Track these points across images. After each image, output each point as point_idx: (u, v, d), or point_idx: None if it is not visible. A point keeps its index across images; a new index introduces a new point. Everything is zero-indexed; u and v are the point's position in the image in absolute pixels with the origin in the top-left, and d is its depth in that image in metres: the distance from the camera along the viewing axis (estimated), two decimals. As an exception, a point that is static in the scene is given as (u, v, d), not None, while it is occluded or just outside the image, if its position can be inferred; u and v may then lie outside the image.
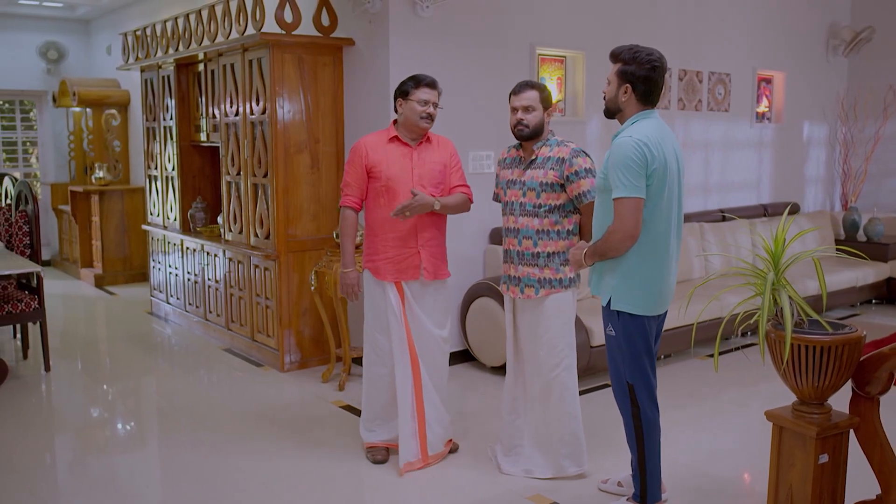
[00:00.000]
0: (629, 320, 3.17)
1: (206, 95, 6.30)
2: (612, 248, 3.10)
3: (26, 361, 5.84)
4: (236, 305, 6.06)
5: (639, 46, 3.14)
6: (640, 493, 3.32)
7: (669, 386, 5.20)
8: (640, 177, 2.99)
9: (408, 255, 3.84)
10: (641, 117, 3.13)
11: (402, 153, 3.86)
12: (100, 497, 3.71)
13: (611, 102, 3.20)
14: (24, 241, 5.70)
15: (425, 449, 3.92)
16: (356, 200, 3.90)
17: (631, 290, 3.14)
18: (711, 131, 7.27)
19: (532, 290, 3.66)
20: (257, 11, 5.26)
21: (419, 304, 3.92)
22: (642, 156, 2.99)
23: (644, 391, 3.22)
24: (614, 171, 3.02)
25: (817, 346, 2.58)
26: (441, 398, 4.02)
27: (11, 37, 9.72)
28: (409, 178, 3.83)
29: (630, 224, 3.02)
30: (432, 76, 3.91)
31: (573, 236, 3.66)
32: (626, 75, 3.11)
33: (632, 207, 3.01)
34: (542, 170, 3.62)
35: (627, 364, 3.21)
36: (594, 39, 6.14)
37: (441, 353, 4.01)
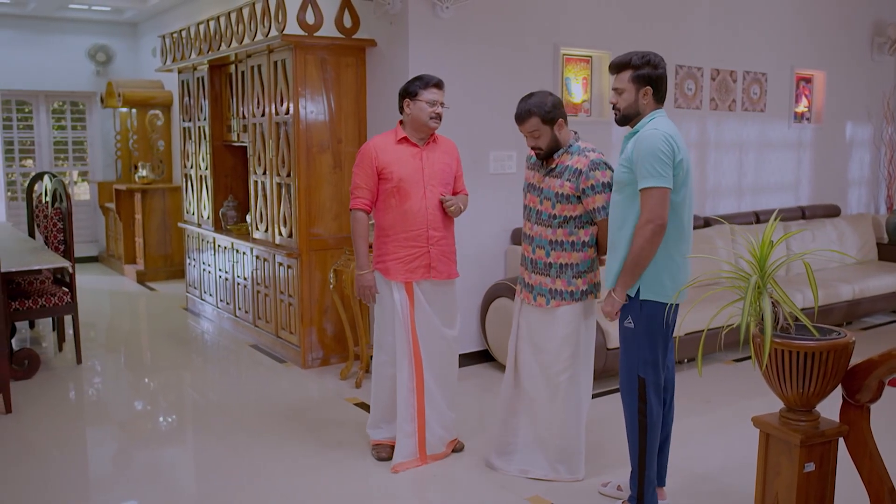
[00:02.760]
0: (654, 310, 3.17)
1: (236, 96, 6.42)
2: (644, 247, 3.07)
3: (61, 354, 6.04)
4: (262, 302, 6.17)
5: (641, 51, 3.23)
6: (636, 495, 3.30)
7: (689, 391, 5.12)
8: (668, 167, 3.05)
9: (418, 255, 3.86)
10: (657, 115, 3.21)
11: (411, 154, 3.88)
12: (131, 487, 3.84)
13: (629, 109, 3.23)
14: (58, 238, 5.89)
15: (423, 449, 3.93)
16: (367, 202, 3.92)
17: (659, 279, 3.15)
18: (746, 132, 7.13)
19: (543, 300, 3.62)
20: (280, 13, 5.34)
21: (430, 304, 3.93)
22: (670, 147, 3.06)
23: (653, 387, 3.22)
24: (643, 161, 3.06)
25: (800, 351, 2.52)
26: (446, 399, 4.02)
27: (62, 40, 10.04)
28: (419, 178, 3.85)
29: (660, 213, 3.05)
30: (438, 76, 3.93)
31: (588, 248, 3.58)
32: (644, 79, 3.18)
33: (661, 196, 3.05)
34: (560, 180, 3.54)
35: (643, 357, 3.20)
36: (621, 39, 6.07)
37: (450, 352, 4.02)
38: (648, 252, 3.09)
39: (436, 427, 3.97)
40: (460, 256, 5.43)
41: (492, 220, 5.62)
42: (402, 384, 3.88)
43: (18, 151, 10.21)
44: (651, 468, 3.27)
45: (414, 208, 3.83)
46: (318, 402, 4.97)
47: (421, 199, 3.83)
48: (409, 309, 3.88)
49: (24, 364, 5.37)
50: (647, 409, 3.22)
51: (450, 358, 4.05)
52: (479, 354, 5.70)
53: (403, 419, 3.88)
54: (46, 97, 10.20)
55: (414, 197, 3.83)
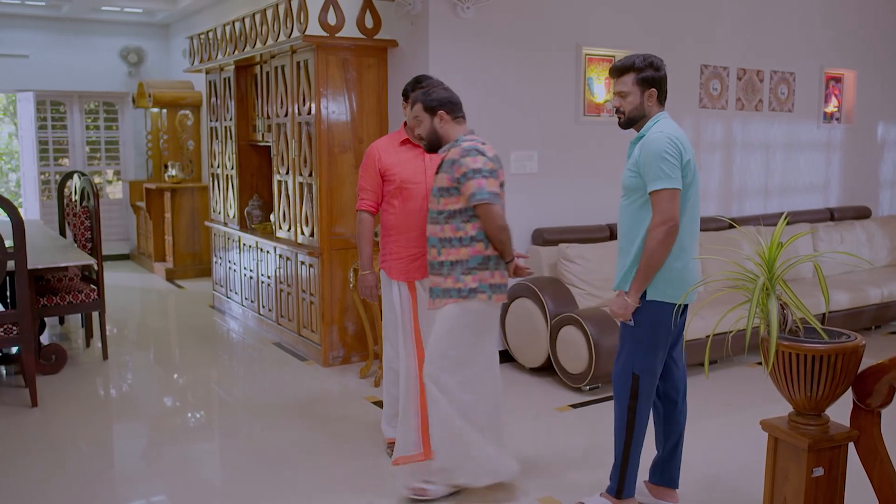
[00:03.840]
0: (661, 310, 3.16)
1: (261, 96, 6.49)
2: (657, 249, 3.06)
3: (88, 350, 6.15)
4: (285, 301, 6.23)
5: (642, 54, 3.24)
6: (616, 487, 3.30)
7: (710, 393, 5.08)
8: (676, 168, 3.06)
9: (420, 256, 3.86)
10: (661, 118, 3.22)
11: (414, 155, 3.89)
12: (156, 480, 3.90)
13: (635, 111, 3.24)
14: (86, 236, 5.99)
15: (427, 444, 3.94)
16: (372, 204, 3.94)
17: (668, 280, 3.14)
18: (773, 132, 7.04)
19: (439, 301, 3.53)
20: (302, 14, 5.39)
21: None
22: (676, 149, 3.07)
23: (647, 386, 3.21)
24: (650, 164, 3.06)
25: (808, 354, 2.49)
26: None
27: (95, 41, 10.22)
28: (422, 179, 3.85)
29: (671, 214, 3.05)
30: (431, 77, 3.92)
31: (476, 243, 3.44)
32: (648, 81, 3.20)
33: (671, 198, 3.05)
34: (440, 173, 3.51)
35: (642, 355, 3.20)
36: (645, 38, 6.03)
37: None
38: (662, 254, 3.08)
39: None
40: (480, 256, 5.48)
41: (513, 220, 5.50)
42: (405, 379, 3.89)
43: (53, 151, 10.41)
44: (633, 464, 3.27)
45: (416, 209, 3.83)
46: (337, 400, 5.01)
47: (423, 200, 3.82)
48: (411, 307, 3.88)
49: (52, 359, 5.48)
50: (637, 406, 3.22)
51: None
52: (500, 355, 5.68)
53: (406, 412, 3.91)
54: (80, 98, 10.39)
55: (416, 198, 3.83)
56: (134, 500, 3.71)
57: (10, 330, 4.71)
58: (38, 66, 9.89)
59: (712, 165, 6.68)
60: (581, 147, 5.82)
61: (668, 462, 3.44)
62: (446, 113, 3.54)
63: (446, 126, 3.56)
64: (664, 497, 3.46)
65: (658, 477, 3.47)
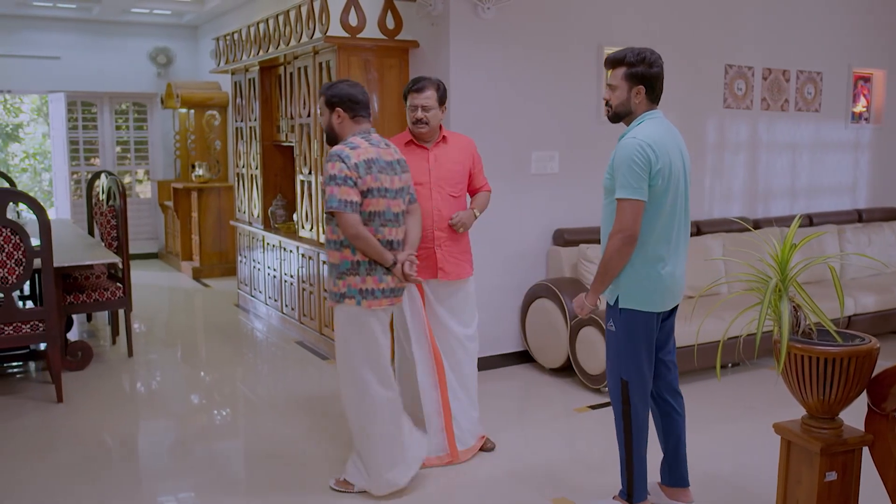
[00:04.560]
0: (634, 317, 3.16)
1: (285, 97, 6.54)
2: (613, 257, 3.06)
3: (114, 347, 6.24)
4: (307, 300, 6.27)
5: (637, 48, 3.17)
6: (626, 491, 3.29)
7: (730, 397, 5.05)
8: (642, 179, 3.00)
9: (425, 256, 3.88)
10: (647, 118, 3.16)
11: (418, 155, 3.91)
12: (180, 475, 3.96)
13: (621, 106, 3.19)
14: (112, 235, 6.09)
15: (454, 444, 3.96)
16: None
17: (638, 288, 3.13)
18: (799, 133, 6.95)
19: (329, 303, 3.65)
20: (323, 16, 5.42)
21: (441, 304, 3.97)
22: (645, 157, 3.00)
23: (637, 389, 3.20)
24: (619, 171, 3.05)
25: (820, 357, 2.46)
26: (467, 395, 4.05)
27: (125, 43, 10.37)
28: (426, 179, 3.88)
29: (629, 225, 3.02)
30: (428, 78, 3.91)
31: (344, 248, 3.43)
32: (637, 77, 3.13)
33: (632, 209, 3.02)
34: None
35: (625, 360, 3.19)
36: (668, 38, 6.00)
37: (464, 350, 4.02)
38: (617, 262, 3.06)
39: (462, 421, 4.01)
40: (502, 257, 5.49)
41: (534, 221, 5.61)
42: (424, 380, 3.90)
43: (84, 151, 10.58)
44: (639, 465, 3.26)
45: (424, 208, 3.85)
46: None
47: (427, 200, 3.85)
48: (421, 307, 3.89)
49: (78, 355, 5.57)
50: (630, 410, 3.21)
51: (463, 356, 4.03)
52: (520, 355, 5.70)
53: (429, 415, 3.92)
54: (110, 99, 10.54)
55: (421, 198, 3.85)
56: (161, 495, 3.76)
57: (36, 326, 4.80)
58: (70, 68, 10.06)
59: (737, 166, 6.62)
60: (602, 147, 5.79)
61: (674, 462, 3.42)
62: (344, 111, 3.51)
63: (343, 123, 3.53)
64: (677, 497, 3.45)
65: (668, 478, 3.45)
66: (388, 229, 3.47)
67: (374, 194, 3.40)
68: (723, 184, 6.56)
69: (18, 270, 4.70)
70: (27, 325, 4.78)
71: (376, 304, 3.46)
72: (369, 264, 3.43)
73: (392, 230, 3.49)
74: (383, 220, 3.45)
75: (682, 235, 3.21)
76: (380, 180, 3.42)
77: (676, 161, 3.11)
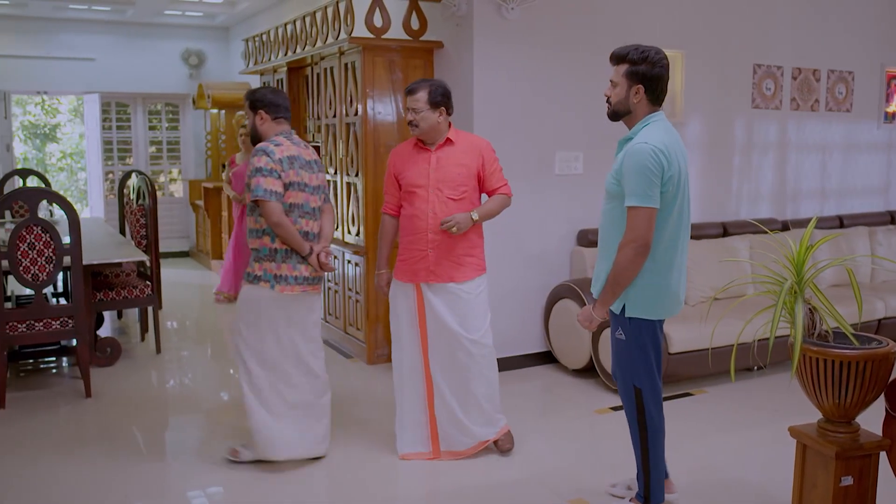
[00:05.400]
0: (642, 325, 3.13)
1: (312, 97, 6.60)
2: (627, 267, 3.00)
3: (143, 343, 6.34)
4: (332, 299, 6.32)
5: (644, 46, 3.10)
6: (643, 494, 3.28)
7: (749, 400, 5.00)
8: (655, 186, 2.95)
9: (419, 258, 3.90)
10: (652, 120, 3.10)
11: (421, 158, 3.92)
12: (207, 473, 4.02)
13: (620, 105, 3.14)
14: (141, 233, 6.19)
15: (436, 441, 4.03)
16: (391, 207, 4.06)
17: (645, 297, 3.09)
18: (829, 133, 6.86)
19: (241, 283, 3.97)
20: (348, 17, 5.46)
21: (441, 306, 3.91)
22: (658, 164, 2.95)
23: (651, 395, 3.18)
24: (629, 177, 2.98)
25: (836, 359, 2.44)
26: (462, 401, 3.98)
27: (158, 44, 10.52)
28: (426, 182, 3.87)
29: (643, 234, 2.96)
30: (425, 80, 3.92)
31: (265, 235, 3.75)
32: (637, 76, 3.07)
33: (646, 217, 2.95)
34: None
35: (636, 368, 3.17)
36: (695, 38, 5.96)
37: (467, 355, 3.93)
38: (630, 272, 3.01)
39: (448, 428, 4.00)
40: (525, 257, 5.48)
41: (557, 221, 5.60)
42: (410, 378, 3.99)
43: (118, 151, 10.75)
44: (657, 468, 3.25)
45: (418, 211, 3.87)
46: (376, 397, 5.06)
47: (424, 203, 3.85)
48: (416, 308, 3.93)
49: (107, 351, 5.67)
50: (645, 417, 3.19)
51: (467, 361, 3.94)
52: (543, 355, 5.69)
53: (414, 411, 4.01)
54: (143, 99, 10.71)
55: (419, 200, 3.87)
56: (189, 490, 3.80)
57: (66, 323, 4.90)
58: (104, 69, 10.23)
59: (765, 167, 6.54)
60: (628, 148, 5.77)
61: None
62: (266, 113, 3.83)
63: (266, 124, 3.85)
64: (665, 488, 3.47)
65: None
66: (305, 221, 3.80)
67: (294, 188, 3.74)
68: (751, 185, 6.49)
69: (49, 268, 4.80)
70: (57, 321, 4.88)
71: (289, 290, 3.77)
72: (285, 252, 3.76)
73: (309, 222, 3.83)
74: (302, 212, 3.78)
75: (686, 241, 3.18)
76: (300, 175, 3.76)
77: (683, 166, 3.08)
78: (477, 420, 4.02)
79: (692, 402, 4.97)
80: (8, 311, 4.77)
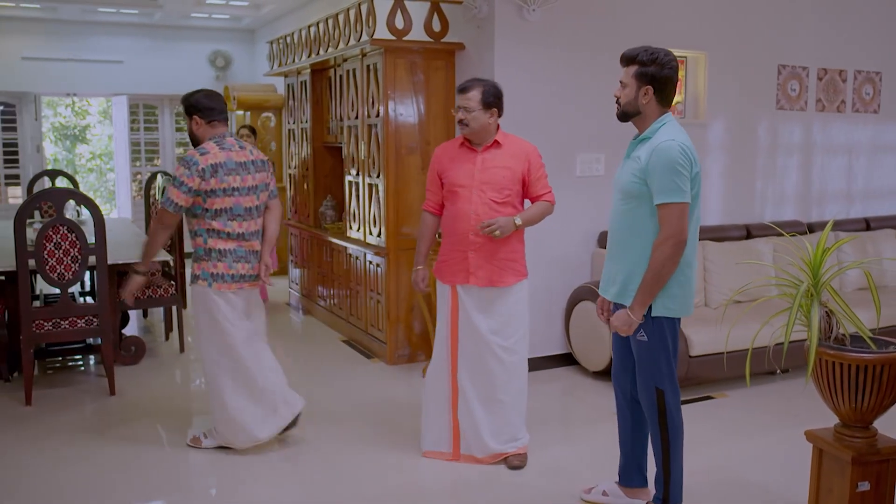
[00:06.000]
0: (667, 325, 3.13)
1: (335, 99, 6.65)
2: (666, 265, 3.00)
3: (167, 342, 6.42)
4: (354, 299, 6.36)
5: (653, 47, 3.11)
6: (662, 497, 3.27)
7: (776, 405, 4.96)
8: (686, 181, 2.98)
9: (459, 260, 3.88)
10: (666, 120, 3.12)
11: (467, 157, 3.89)
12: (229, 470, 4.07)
13: (629, 105, 3.15)
14: (166, 233, 6.25)
15: (457, 444, 4.02)
16: (433, 205, 4.02)
17: (670, 295, 3.09)
18: (856, 134, 6.78)
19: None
20: (370, 19, 5.49)
21: (477, 309, 3.89)
22: (688, 160, 2.99)
23: (672, 397, 3.18)
24: (661, 175, 2.98)
25: (852, 363, 2.41)
26: (488, 406, 3.94)
27: (185, 47, 10.65)
28: (470, 182, 3.84)
29: (680, 229, 2.97)
30: (479, 79, 3.89)
31: (197, 237, 3.98)
32: (647, 77, 3.08)
33: (680, 212, 2.98)
34: None
35: (659, 370, 3.16)
36: (718, 39, 5.93)
37: (497, 361, 3.89)
38: (669, 269, 3.01)
39: (467, 430, 3.98)
40: (546, 259, 5.48)
41: (578, 223, 5.59)
42: (437, 379, 4.00)
43: (145, 152, 10.89)
44: (676, 470, 3.23)
45: (460, 212, 3.85)
46: (397, 397, 5.08)
47: (467, 203, 3.82)
48: (450, 310, 3.92)
49: (132, 350, 5.75)
50: (667, 419, 3.17)
51: (496, 367, 3.89)
52: (563, 357, 5.68)
53: (439, 411, 4.01)
54: (170, 101, 10.83)
55: (461, 200, 3.85)
56: (211, 488, 3.85)
57: (90, 321, 4.97)
58: (132, 71, 10.36)
59: (789, 169, 6.48)
60: (649, 149, 5.74)
61: (640, 463, 3.45)
62: (200, 117, 4.01)
63: (201, 129, 4.03)
64: (638, 496, 3.49)
65: (634, 479, 3.49)
66: (236, 223, 3.96)
67: (218, 194, 3.89)
68: (775, 187, 6.43)
69: (74, 267, 4.88)
70: (82, 319, 4.96)
71: (225, 287, 3.96)
72: (219, 252, 3.94)
73: (242, 223, 3.98)
74: (231, 215, 3.94)
75: (697, 242, 3.20)
76: (226, 181, 3.90)
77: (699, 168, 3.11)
78: (499, 430, 3.95)
79: (712, 406, 4.94)
80: (35, 310, 4.85)
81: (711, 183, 6.11)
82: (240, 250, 3.98)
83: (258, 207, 4.06)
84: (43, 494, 3.71)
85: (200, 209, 3.91)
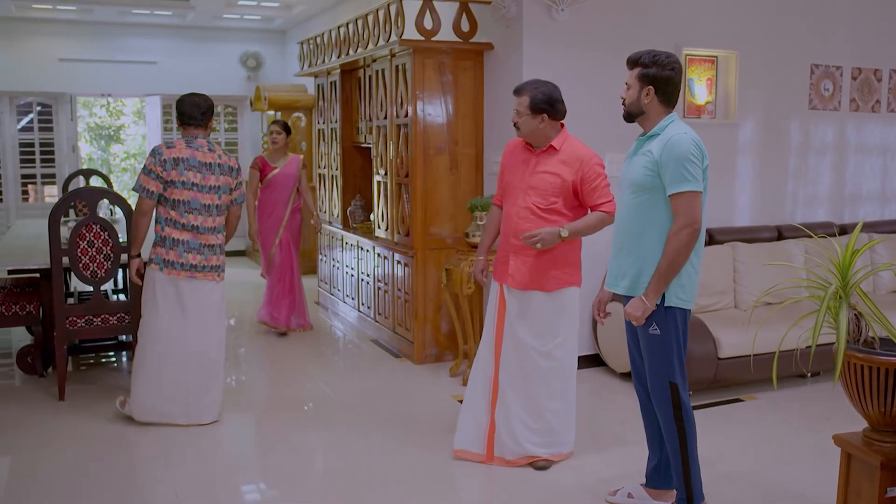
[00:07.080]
0: (679, 316, 3.17)
1: (364, 99, 6.68)
2: (682, 252, 3.07)
3: (197, 340, 6.49)
4: (382, 299, 6.39)
5: (656, 50, 3.21)
6: (685, 497, 3.25)
7: (806, 408, 4.90)
8: (699, 170, 3.08)
9: (503, 260, 3.90)
10: (673, 119, 3.21)
11: (523, 159, 3.87)
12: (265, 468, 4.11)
13: (632, 105, 3.24)
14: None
15: (492, 448, 3.98)
16: (497, 197, 4.07)
17: (682, 286, 3.15)
18: (891, 135, 6.67)
19: None
20: (399, 20, 5.52)
21: (516, 311, 3.87)
22: (700, 152, 3.09)
23: (685, 390, 3.21)
24: (674, 166, 3.06)
25: (881, 367, 2.38)
26: (525, 410, 3.92)
27: (217, 47, 10.77)
28: (520, 185, 3.82)
29: (696, 217, 3.07)
30: (533, 82, 3.84)
31: (157, 224, 4.36)
32: (648, 78, 3.17)
33: (696, 200, 3.07)
34: None
35: (671, 363, 3.18)
36: (749, 38, 5.87)
37: (534, 366, 3.87)
38: (684, 257, 3.08)
39: (503, 434, 3.93)
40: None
41: (606, 224, 5.56)
42: (482, 376, 3.98)
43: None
44: (695, 469, 3.22)
45: (507, 213, 3.88)
46: (424, 397, 5.10)
47: (513, 205, 3.83)
48: (497, 307, 3.92)
49: (162, 348, 5.83)
50: (682, 413, 3.18)
51: (533, 371, 3.87)
52: (591, 358, 5.66)
53: (477, 410, 3.98)
54: (203, 101, 10.94)
55: (510, 201, 3.87)
56: (242, 485, 3.88)
57: (122, 318, 5.05)
58: (165, 72, 10.50)
59: (822, 169, 6.40)
60: (679, 149, 5.71)
61: (667, 464, 3.41)
62: (177, 120, 4.46)
63: (187, 131, 4.45)
64: (663, 498, 3.48)
65: (663, 480, 3.47)
66: (192, 216, 4.37)
67: (177, 185, 4.31)
68: (807, 188, 6.36)
69: (107, 265, 4.96)
70: (114, 316, 5.03)
71: (175, 274, 4.37)
72: (173, 241, 4.34)
73: (197, 217, 4.38)
74: (188, 207, 4.34)
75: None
76: (185, 175, 4.32)
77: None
78: (536, 434, 3.92)
79: (741, 409, 4.90)
80: (68, 307, 4.93)
81: (742, 183, 6.05)
82: (193, 242, 4.38)
83: (218, 206, 4.46)
84: (78, 487, 3.77)
85: (162, 198, 4.34)
